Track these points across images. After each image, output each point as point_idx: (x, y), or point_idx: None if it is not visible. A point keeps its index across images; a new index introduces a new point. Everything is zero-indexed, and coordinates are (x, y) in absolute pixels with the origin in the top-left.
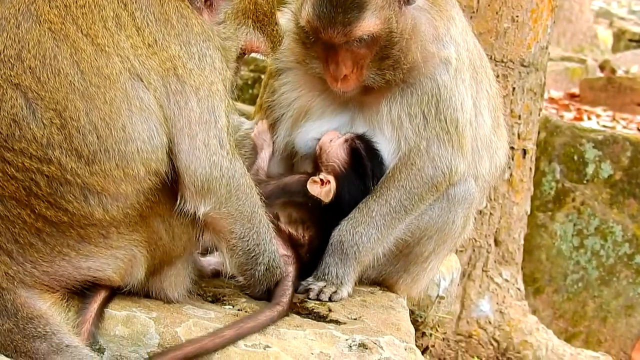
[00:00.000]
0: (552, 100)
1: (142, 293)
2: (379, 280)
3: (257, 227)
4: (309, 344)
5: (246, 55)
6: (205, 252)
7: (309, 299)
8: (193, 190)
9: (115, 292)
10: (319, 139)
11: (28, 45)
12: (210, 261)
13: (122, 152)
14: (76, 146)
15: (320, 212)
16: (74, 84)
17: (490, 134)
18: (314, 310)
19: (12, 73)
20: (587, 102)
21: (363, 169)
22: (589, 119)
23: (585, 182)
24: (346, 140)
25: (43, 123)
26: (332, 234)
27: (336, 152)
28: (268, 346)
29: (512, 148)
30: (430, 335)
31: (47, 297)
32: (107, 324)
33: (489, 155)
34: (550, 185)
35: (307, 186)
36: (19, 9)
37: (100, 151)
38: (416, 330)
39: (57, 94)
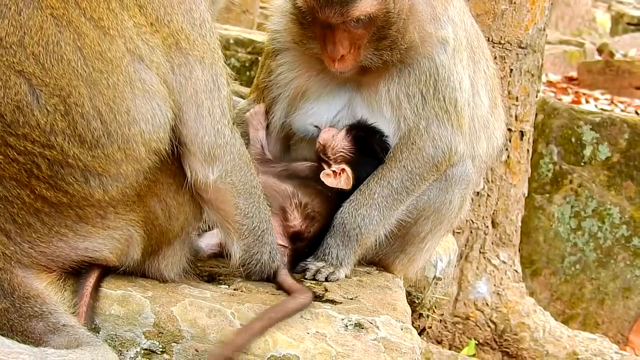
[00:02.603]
0: (550, 83)
1: (138, 272)
2: (375, 260)
3: (258, 203)
4: (305, 324)
5: None
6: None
7: (305, 278)
8: (201, 157)
9: (110, 270)
10: (317, 126)
11: (30, 31)
12: (208, 242)
13: (125, 135)
14: (80, 132)
15: (334, 198)
16: (77, 70)
17: (487, 114)
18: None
19: (15, 60)
20: (585, 85)
21: (372, 149)
22: (587, 102)
23: (582, 164)
24: (347, 132)
25: (47, 109)
26: (335, 216)
27: (342, 145)
28: None
29: (509, 130)
30: (427, 316)
31: (44, 277)
32: (102, 303)
33: (486, 135)
34: (547, 167)
35: (323, 180)
36: None
37: (104, 136)
38: (413, 311)
39: (61, 80)
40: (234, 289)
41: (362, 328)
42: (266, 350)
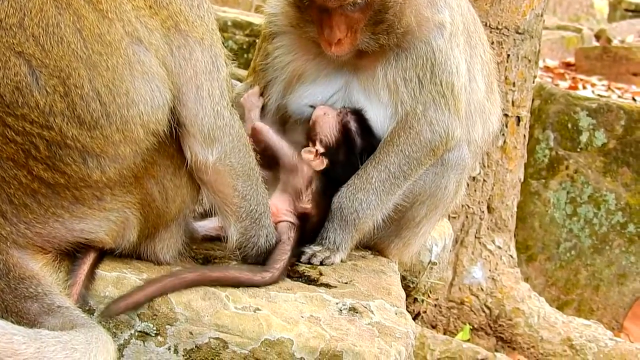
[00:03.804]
0: (547, 69)
1: (134, 255)
2: (370, 244)
3: (256, 185)
4: (299, 307)
5: None
6: (200, 217)
7: (300, 262)
8: (200, 139)
9: (105, 253)
10: (312, 107)
11: (30, 13)
12: (205, 226)
13: (124, 116)
14: (79, 114)
15: (327, 187)
16: (77, 52)
17: (483, 99)
18: (305, 274)
19: (14, 41)
20: (582, 71)
21: (354, 143)
22: (584, 88)
23: (579, 150)
24: (339, 114)
25: (46, 91)
26: (333, 200)
27: (330, 125)
28: (258, 309)
29: (506, 115)
30: (422, 301)
31: (40, 258)
32: (97, 285)
33: (482, 120)
34: (544, 152)
35: (301, 153)
36: None
37: (103, 117)
38: (408, 296)
39: (61, 61)
40: None
41: (357, 312)
42: (260, 334)
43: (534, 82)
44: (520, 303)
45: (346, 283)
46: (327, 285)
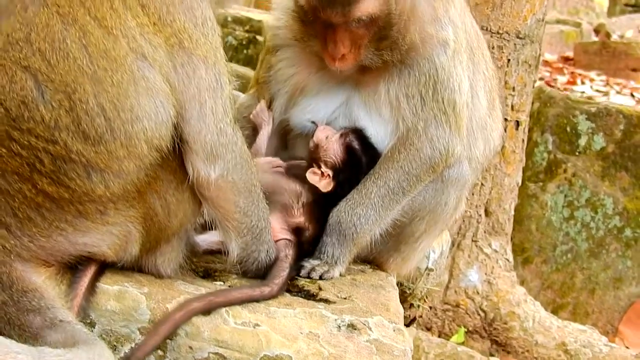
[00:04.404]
0: (546, 63)
1: (135, 268)
2: (369, 258)
3: (257, 201)
4: (298, 323)
5: None
6: (201, 228)
7: (300, 276)
8: (203, 155)
9: (107, 265)
10: (314, 122)
11: (37, 28)
12: (206, 239)
13: (128, 132)
14: (83, 128)
15: (321, 198)
16: (82, 68)
17: (485, 116)
18: (304, 288)
19: (21, 55)
20: (581, 65)
21: (359, 163)
22: (583, 83)
23: (577, 153)
24: (341, 136)
25: (52, 105)
26: (331, 214)
27: (333, 149)
28: (257, 324)
29: (505, 119)
30: (418, 306)
31: (42, 271)
32: (99, 299)
33: (483, 137)
34: (542, 155)
35: (307, 176)
36: None
37: (107, 132)
38: (404, 301)
39: (67, 77)
40: (229, 286)
41: (355, 329)
42: (259, 350)
43: (533, 86)
44: (516, 307)
45: (345, 298)
46: (326, 301)
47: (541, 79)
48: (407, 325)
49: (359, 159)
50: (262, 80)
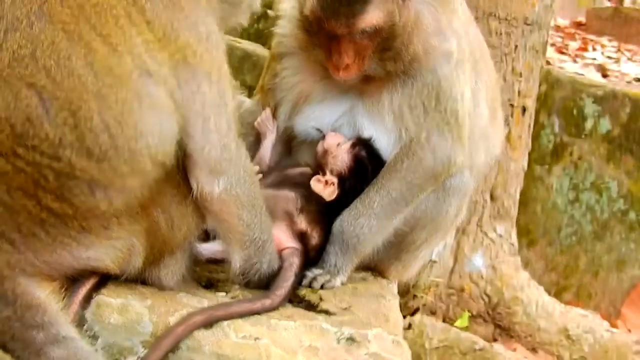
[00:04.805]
0: (557, 28)
1: (139, 280)
2: (371, 265)
3: (260, 214)
4: (299, 337)
5: None
6: (203, 236)
7: (301, 285)
8: (207, 171)
9: (110, 277)
10: (319, 130)
11: (42, 45)
12: (209, 248)
13: (132, 148)
14: (88, 145)
15: (324, 206)
16: (87, 85)
17: (486, 125)
18: (305, 298)
19: (26, 72)
20: (592, 31)
21: (365, 173)
22: (594, 49)
23: (583, 136)
24: (353, 147)
25: (56, 122)
26: (334, 223)
27: (342, 157)
28: (258, 338)
29: (511, 105)
30: (421, 297)
31: (46, 285)
32: (102, 312)
33: (484, 146)
34: (548, 138)
35: (311, 183)
36: (31, 9)
37: (111, 149)
38: (407, 293)
39: (72, 94)
40: (232, 297)
41: (354, 342)
42: None
43: (540, 71)
44: (519, 292)
45: (345, 309)
46: (327, 312)
47: (552, 44)
48: (412, 314)
49: (366, 170)
50: (267, 87)
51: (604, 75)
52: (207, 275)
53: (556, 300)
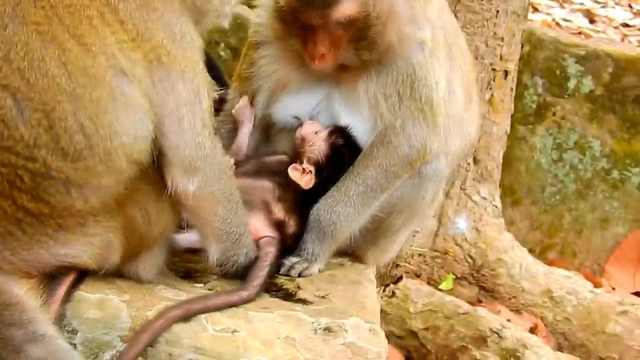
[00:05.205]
0: None
1: (117, 274)
2: (348, 251)
3: (236, 208)
4: (276, 328)
5: None
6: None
7: (279, 274)
8: (181, 169)
9: (87, 272)
10: (297, 118)
11: (16, 46)
12: (187, 238)
13: (107, 148)
14: (62, 146)
15: (301, 194)
16: (61, 85)
17: (461, 110)
18: (283, 287)
19: (0, 74)
20: None
21: (342, 162)
22: None
23: (566, 96)
24: (330, 135)
25: (31, 124)
26: (311, 211)
27: (320, 145)
28: (236, 330)
29: (493, 69)
30: (404, 265)
31: (24, 283)
32: (80, 307)
33: (460, 132)
34: (531, 98)
35: (289, 172)
36: (4, 10)
37: (86, 149)
38: (389, 264)
39: (46, 95)
40: (209, 289)
41: (331, 332)
42: (237, 356)
43: (522, 36)
44: (503, 254)
45: (323, 297)
46: (304, 301)
47: None
48: (395, 283)
49: (343, 158)
50: (244, 76)
51: (592, 21)
52: (185, 265)
53: (540, 262)
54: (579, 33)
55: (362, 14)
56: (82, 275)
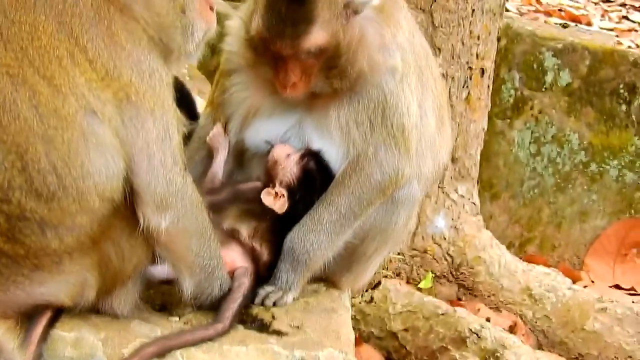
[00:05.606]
0: None
1: (92, 309)
2: (323, 276)
3: (209, 242)
4: None
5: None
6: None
7: (253, 303)
8: (153, 206)
9: (62, 310)
10: (269, 142)
11: None
12: (160, 271)
13: (79, 187)
14: (36, 187)
15: (275, 221)
16: (33, 127)
17: (434, 134)
18: (258, 317)
19: None
20: None
21: (314, 185)
22: None
23: (543, 90)
24: (302, 158)
25: (4, 166)
26: (285, 240)
27: (291, 168)
28: None
29: (470, 68)
30: (381, 272)
31: (1, 324)
32: (57, 346)
33: (432, 155)
34: (509, 92)
35: (262, 197)
36: None
37: (59, 189)
38: None
39: (18, 137)
40: (184, 322)
41: None
42: None
43: (498, 33)
44: (482, 251)
45: (298, 327)
46: (279, 333)
47: None
48: (373, 288)
49: (315, 181)
50: (217, 102)
51: None
52: (160, 298)
53: (518, 259)
54: (560, 10)
55: (333, 43)
56: (58, 312)
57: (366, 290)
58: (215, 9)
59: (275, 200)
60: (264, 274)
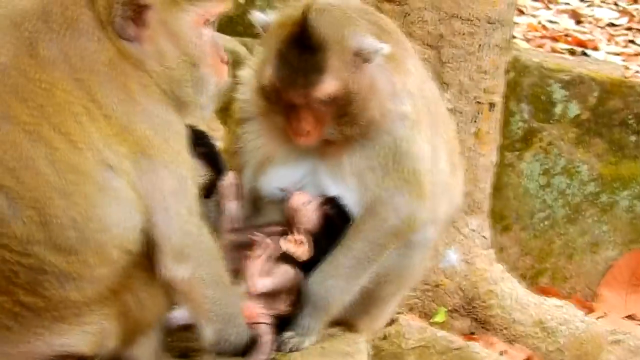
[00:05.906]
0: None
1: (114, 359)
2: (339, 320)
3: (227, 290)
4: None
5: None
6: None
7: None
8: (171, 257)
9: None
10: (284, 190)
11: (5, 147)
12: (180, 317)
13: (98, 240)
14: (55, 241)
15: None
16: (51, 183)
17: (447, 177)
18: None
19: None
20: None
21: (335, 232)
22: None
23: (552, 122)
24: (320, 206)
25: (24, 221)
26: (304, 286)
27: (310, 216)
28: None
29: (478, 103)
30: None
31: None
32: None
33: (447, 199)
34: (518, 125)
35: (281, 244)
36: None
37: (79, 243)
38: None
39: (37, 192)
40: None
41: None
42: None
43: (506, 67)
44: (494, 285)
45: None
46: None
47: None
48: (387, 325)
49: (336, 227)
50: (231, 150)
51: (578, 22)
52: (180, 345)
53: (531, 292)
54: (566, 35)
55: (344, 91)
56: None
57: None
58: (227, 62)
59: (297, 247)
60: (284, 318)
